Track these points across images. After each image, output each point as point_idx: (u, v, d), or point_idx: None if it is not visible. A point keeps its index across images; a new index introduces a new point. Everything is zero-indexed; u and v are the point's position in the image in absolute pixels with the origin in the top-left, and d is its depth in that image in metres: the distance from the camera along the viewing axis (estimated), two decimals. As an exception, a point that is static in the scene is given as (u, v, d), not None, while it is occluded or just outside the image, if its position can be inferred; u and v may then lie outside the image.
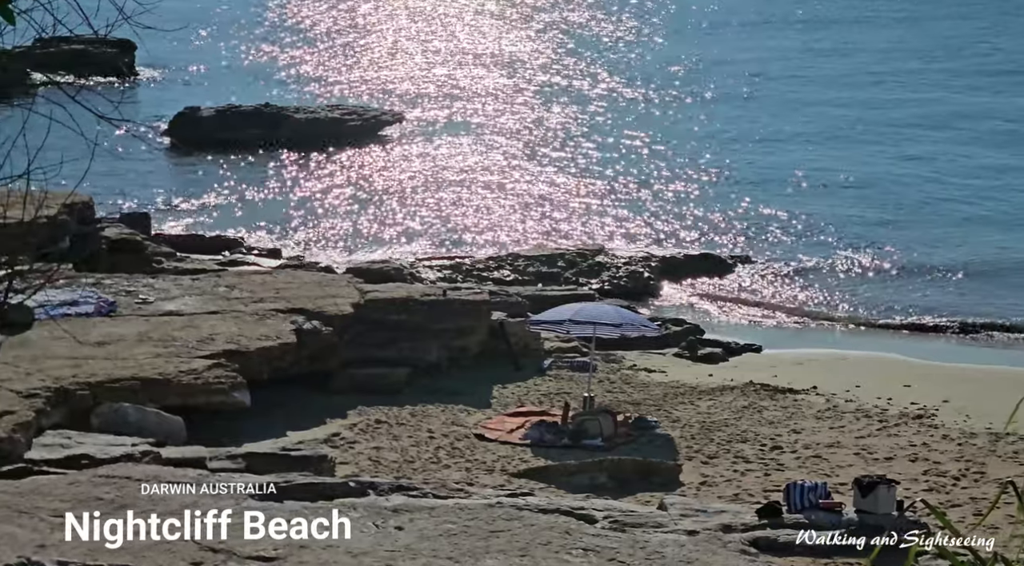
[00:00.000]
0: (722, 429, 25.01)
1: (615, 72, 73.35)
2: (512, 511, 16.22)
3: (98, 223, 34.68)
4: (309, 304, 27.32)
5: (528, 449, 23.57)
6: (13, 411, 19.98)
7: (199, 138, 53.65)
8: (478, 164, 53.29)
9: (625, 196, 48.54)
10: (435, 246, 42.34)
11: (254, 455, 20.17)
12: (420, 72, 73.50)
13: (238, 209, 46.12)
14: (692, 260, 40.38)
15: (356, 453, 22.85)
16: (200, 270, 32.55)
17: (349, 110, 58.63)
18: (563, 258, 38.72)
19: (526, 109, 64.07)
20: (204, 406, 23.26)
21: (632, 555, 14.88)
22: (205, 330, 25.49)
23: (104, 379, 22.62)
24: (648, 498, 20.39)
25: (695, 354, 31.08)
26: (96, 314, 26.10)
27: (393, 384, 26.59)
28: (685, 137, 57.60)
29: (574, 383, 27.53)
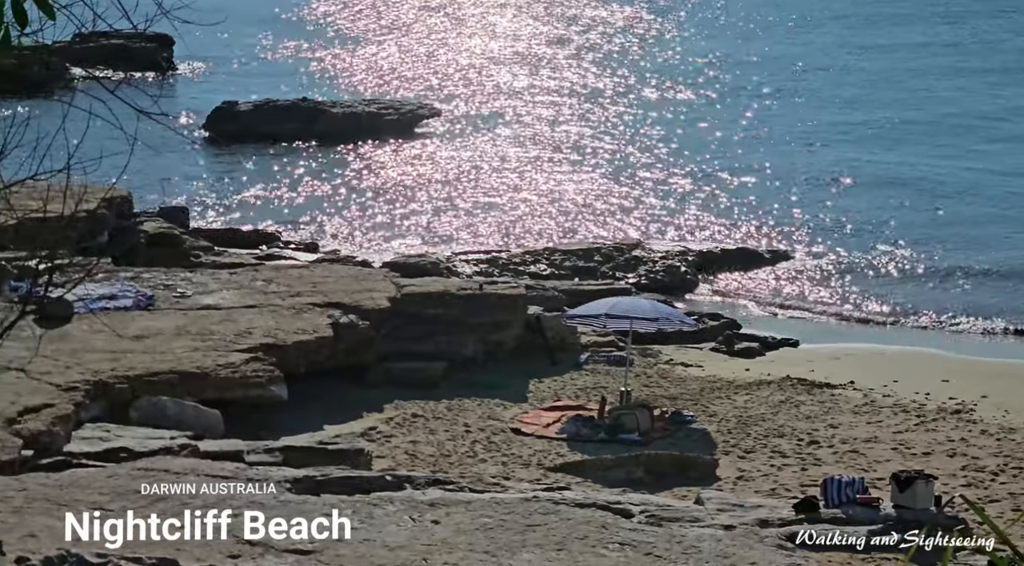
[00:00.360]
0: (759, 424, 24.95)
1: (653, 69, 73.18)
2: (548, 505, 16.24)
3: (137, 217, 34.84)
4: (346, 298, 27.36)
5: (564, 443, 23.56)
6: (53, 404, 20.11)
7: (237, 132, 53.76)
8: (515, 158, 53.26)
9: (662, 191, 48.43)
10: (472, 240, 42.35)
11: (291, 449, 20.25)
12: (457, 67, 73.51)
13: (275, 203, 46.23)
14: (729, 255, 40.25)
15: (392, 447, 22.89)
16: (238, 264, 32.63)
17: (386, 104, 58.67)
18: (599, 252, 38.66)
19: (564, 103, 64.00)
20: (241, 400, 23.35)
21: (668, 549, 14.88)
22: (242, 324, 25.58)
23: (142, 373, 22.73)
24: (685, 493, 20.36)
25: (732, 348, 31.00)
26: (135, 308, 26.22)
27: (429, 378, 26.61)
28: (723, 133, 57.40)
29: (610, 377, 27.50)
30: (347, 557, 14.29)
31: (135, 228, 33.53)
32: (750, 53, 75.46)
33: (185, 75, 69.01)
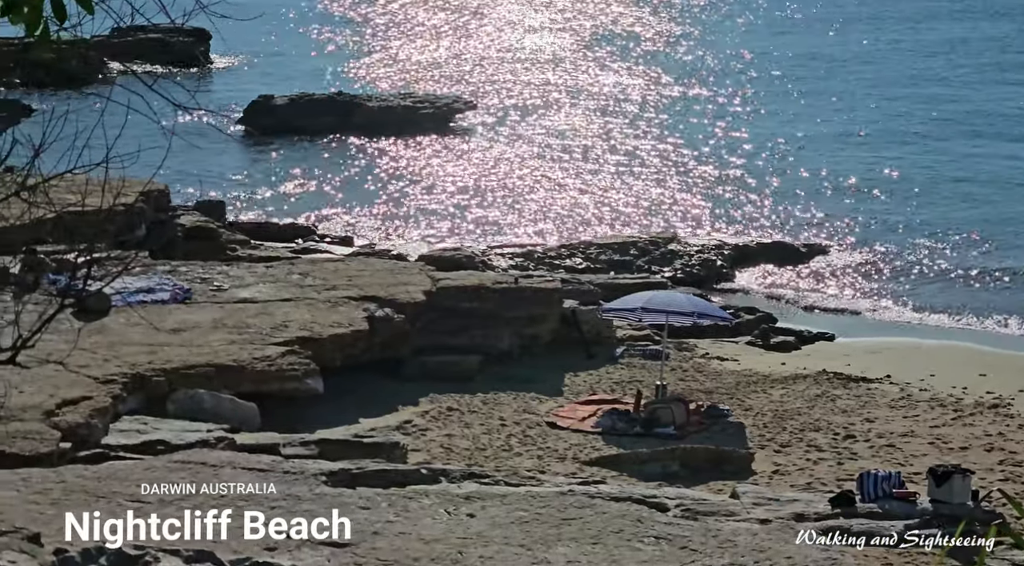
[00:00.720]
0: (795, 418, 24.89)
1: (689, 65, 73.07)
2: (584, 499, 16.24)
3: (174, 211, 34.97)
4: (381, 291, 27.41)
5: (600, 437, 23.55)
6: (91, 397, 20.21)
7: (273, 126, 53.94)
8: (551, 151, 53.26)
9: (698, 184, 48.37)
10: (507, 234, 42.36)
11: (327, 442, 20.31)
12: (493, 61, 73.52)
13: (311, 197, 46.35)
14: (765, 248, 40.16)
15: (428, 440, 22.92)
16: (274, 257, 32.74)
17: (421, 98, 58.75)
18: (635, 246, 38.63)
19: (600, 98, 63.96)
20: (277, 393, 23.41)
21: (704, 543, 14.87)
22: (279, 317, 25.65)
23: (179, 365, 22.82)
24: (720, 486, 20.33)
25: (768, 342, 30.93)
26: (172, 301, 26.32)
27: (465, 372, 26.63)
28: (760, 128, 57.28)
29: (646, 371, 27.48)
30: (383, 550, 14.32)
31: (172, 222, 33.67)
32: (786, 50, 75.23)
33: (222, 69, 69.22)
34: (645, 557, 14.46)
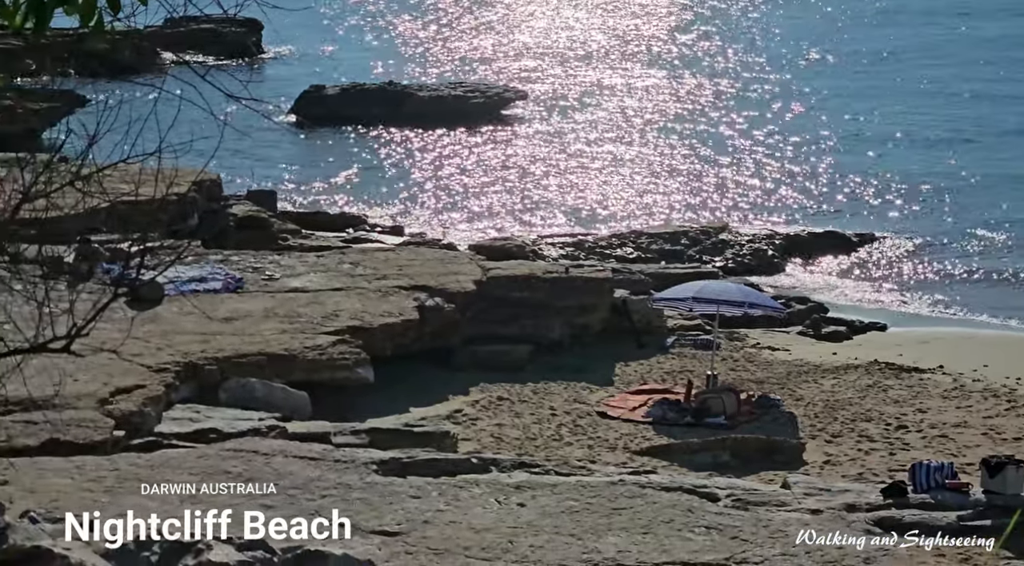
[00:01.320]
0: (846, 408, 24.78)
1: (740, 51, 72.81)
2: (634, 489, 16.24)
3: (226, 200, 35.13)
4: (432, 281, 27.46)
5: (651, 427, 23.53)
6: (144, 385, 20.33)
7: (324, 116, 54.10)
8: (601, 141, 53.19)
9: (749, 174, 48.21)
10: (558, 223, 42.34)
11: (378, 431, 20.36)
12: (544, 49, 73.45)
13: (362, 187, 46.45)
14: (817, 238, 39.97)
15: (478, 430, 22.96)
16: (325, 247, 32.83)
17: (472, 87, 58.74)
18: (686, 236, 38.53)
19: (650, 86, 63.81)
20: (328, 381, 23.49)
21: (755, 533, 14.84)
22: (329, 306, 25.73)
23: (231, 354, 22.93)
24: (771, 477, 20.27)
25: (819, 332, 30.79)
26: (224, 290, 26.45)
27: (515, 361, 26.64)
28: (812, 117, 57.03)
29: (697, 361, 27.42)
30: (433, 539, 14.37)
31: (224, 211, 33.82)
32: (841, 38, 74.84)
33: (273, 59, 69.47)
34: (696, 547, 14.45)
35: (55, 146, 8.42)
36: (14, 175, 7.68)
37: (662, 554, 14.17)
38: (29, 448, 16.85)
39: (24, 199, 7.60)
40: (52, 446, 17.10)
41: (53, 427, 17.16)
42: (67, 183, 7.87)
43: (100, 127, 7.86)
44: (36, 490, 14.84)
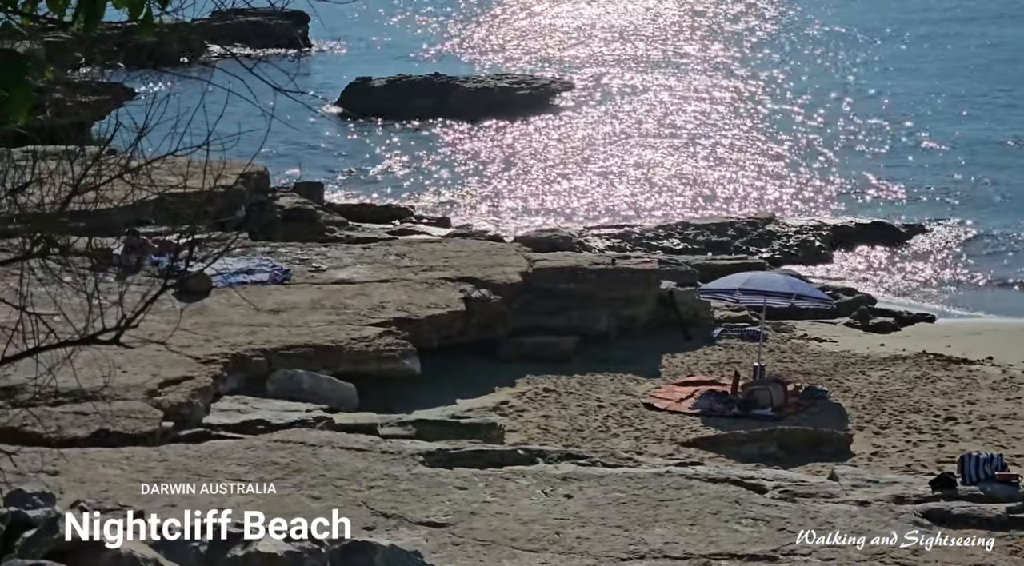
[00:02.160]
0: (894, 399, 24.67)
1: (791, 41, 72.50)
2: (681, 480, 16.21)
3: (273, 193, 35.25)
4: (478, 273, 27.48)
5: (697, 418, 23.50)
6: (192, 377, 20.44)
7: (370, 108, 54.22)
8: (649, 132, 53.09)
9: (796, 164, 48.03)
10: (604, 214, 42.28)
11: (424, 422, 20.40)
12: (591, 40, 73.35)
13: (408, 178, 46.55)
14: (864, 229, 39.81)
15: (525, 421, 22.97)
16: (371, 239, 32.89)
17: (518, 79, 58.73)
18: (733, 227, 38.43)
19: (697, 76, 63.65)
20: (375, 373, 23.54)
21: (802, 525, 14.79)
22: (376, 298, 25.80)
23: (279, 346, 23.02)
24: (819, 468, 20.20)
25: (867, 323, 30.67)
26: (271, 282, 26.55)
27: (562, 353, 26.65)
28: (859, 107, 56.76)
29: (744, 352, 27.35)
30: (480, 530, 14.39)
31: (271, 203, 33.95)
32: (887, 25, 74.41)
33: (320, 51, 69.63)
34: (743, 539, 14.42)
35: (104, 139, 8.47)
36: (64, 168, 7.73)
37: (709, 546, 14.15)
38: (79, 439, 16.97)
39: (74, 192, 7.65)
40: (102, 437, 17.22)
41: (103, 418, 17.28)
42: (116, 176, 7.91)
43: (149, 120, 7.90)
44: (86, 481, 14.94)
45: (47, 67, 6.81)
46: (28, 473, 11.75)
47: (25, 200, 7.69)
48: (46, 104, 8.01)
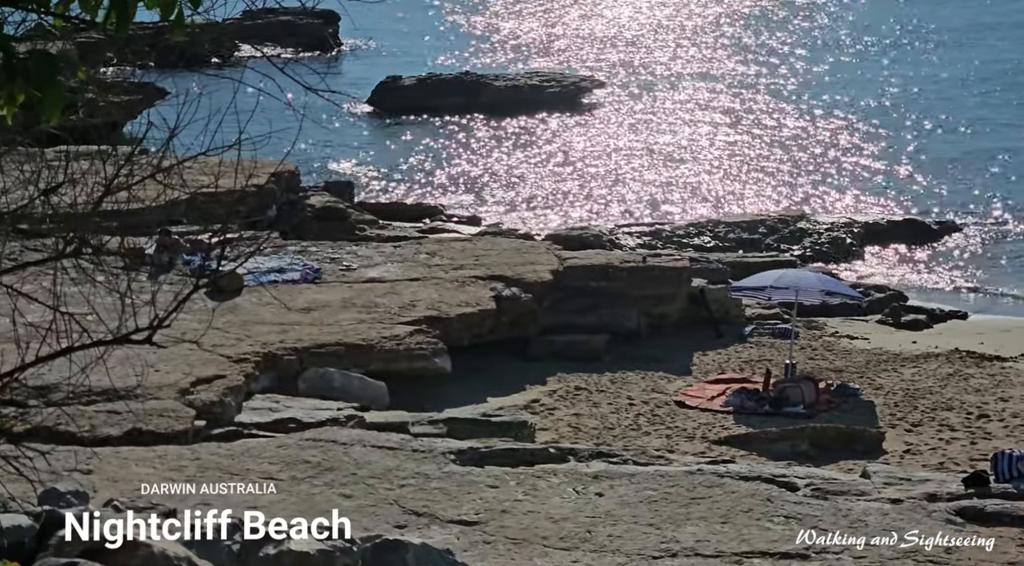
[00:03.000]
0: (926, 397, 24.57)
1: (822, 39, 72.29)
2: (713, 478, 16.19)
3: (304, 192, 35.34)
4: (508, 271, 27.49)
5: (729, 416, 23.46)
6: (224, 375, 20.50)
7: (400, 107, 54.28)
8: (678, 130, 53.01)
9: (828, 161, 47.89)
10: (635, 212, 42.24)
11: (455, 420, 20.41)
12: (622, 38, 73.28)
13: (438, 177, 46.57)
14: (896, 226, 39.66)
15: (556, 419, 22.97)
16: (401, 237, 32.95)
17: (548, 77, 58.70)
18: (764, 224, 38.34)
19: (727, 74, 63.52)
20: (406, 371, 23.57)
21: (835, 523, 14.75)
22: (407, 296, 25.83)
23: (310, 344, 23.07)
24: (851, 466, 20.14)
25: (898, 321, 30.55)
26: (302, 281, 26.62)
27: (593, 351, 26.63)
28: (892, 102, 56.58)
29: (775, 350, 27.30)
30: (511, 528, 14.40)
31: (302, 202, 34.04)
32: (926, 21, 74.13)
33: (350, 50, 69.74)
34: (775, 536, 14.39)
35: (136, 139, 8.50)
36: (96, 168, 7.76)
37: (741, 544, 14.13)
38: (112, 438, 17.04)
39: (106, 192, 7.68)
40: (135, 436, 17.30)
41: (135, 417, 17.36)
42: (148, 175, 7.94)
43: (180, 119, 7.92)
44: (119, 479, 15.01)
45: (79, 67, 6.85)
46: (62, 472, 11.80)
47: (58, 200, 7.73)
48: (79, 104, 8.04)
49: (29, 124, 7.29)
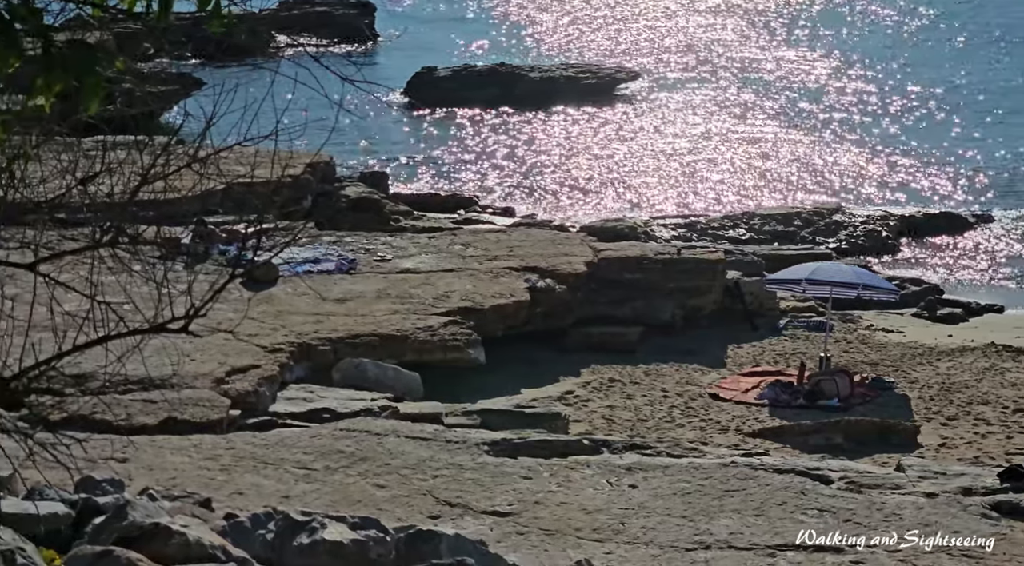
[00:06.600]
0: (962, 390, 24.48)
1: (857, 32, 71.99)
2: (747, 471, 16.16)
3: (338, 182, 35.41)
4: (543, 262, 27.49)
5: (763, 409, 23.43)
6: (259, 365, 20.58)
7: (435, 98, 54.27)
8: (714, 121, 52.85)
9: (864, 154, 47.69)
10: (669, 204, 42.14)
11: (489, 411, 20.44)
12: (657, 29, 73.11)
13: (473, 168, 46.57)
14: (932, 219, 39.49)
15: (590, 411, 22.98)
16: (436, 228, 32.99)
17: (583, 68, 58.59)
18: (799, 217, 38.21)
19: (764, 64, 63.30)
20: (440, 362, 23.61)
21: (869, 517, 14.71)
22: (441, 287, 25.87)
23: (344, 335, 23.13)
24: (885, 459, 20.09)
25: (934, 314, 30.44)
26: (337, 271, 26.68)
27: (627, 343, 26.62)
28: (927, 98, 56.31)
29: (810, 343, 27.24)
30: (544, 519, 14.40)
31: (337, 193, 34.10)
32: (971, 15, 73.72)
33: (385, 41, 69.76)
34: (809, 529, 14.35)
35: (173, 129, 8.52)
36: (133, 158, 7.79)
37: (774, 537, 14.10)
38: (148, 426, 17.13)
39: (143, 181, 7.70)
40: (170, 424, 17.38)
41: (171, 406, 17.44)
42: (185, 165, 7.96)
43: (217, 109, 7.94)
44: (154, 468, 15.08)
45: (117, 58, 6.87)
46: (98, 460, 11.85)
47: (95, 189, 7.76)
48: (116, 94, 8.07)
49: (67, 114, 7.32)
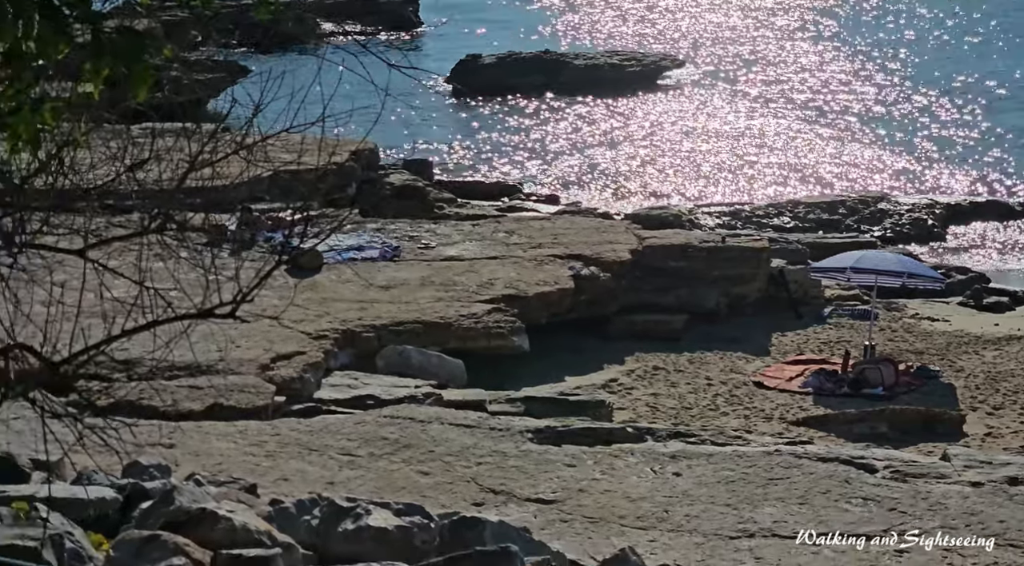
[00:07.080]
0: (1008, 380, 24.35)
1: (903, 22, 71.60)
2: (791, 459, 16.15)
3: (383, 170, 35.47)
4: (587, 250, 27.47)
5: (807, 397, 23.37)
6: (304, 352, 20.68)
7: (480, 85, 54.23)
8: (758, 110, 52.69)
9: (910, 142, 47.45)
10: (714, 192, 42.05)
11: (533, 399, 20.46)
12: (702, 17, 72.90)
13: (517, 155, 46.57)
14: (978, 207, 39.28)
15: (634, 399, 22.97)
16: (480, 216, 33.00)
17: (628, 56, 58.47)
18: (844, 205, 38.06)
19: (808, 53, 63.05)
20: (484, 350, 23.65)
21: (913, 506, 14.68)
22: (485, 275, 25.89)
23: (388, 322, 23.19)
24: (930, 448, 20.02)
25: (980, 303, 30.23)
26: (381, 259, 26.74)
27: (671, 330, 26.59)
28: (975, 86, 55.95)
29: (855, 331, 27.13)
30: (588, 507, 14.44)
31: (382, 180, 34.16)
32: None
33: (430, 29, 69.76)
34: (853, 518, 14.34)
35: (220, 116, 8.57)
36: (181, 145, 7.83)
37: (819, 525, 14.09)
38: (194, 412, 17.24)
39: (190, 168, 7.74)
40: (216, 410, 17.49)
41: (217, 392, 17.55)
42: (231, 153, 7.99)
43: (263, 97, 7.98)
44: (200, 453, 15.18)
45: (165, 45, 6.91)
46: (145, 445, 11.95)
47: (143, 176, 7.81)
48: (164, 82, 8.12)
49: (116, 101, 7.36)
